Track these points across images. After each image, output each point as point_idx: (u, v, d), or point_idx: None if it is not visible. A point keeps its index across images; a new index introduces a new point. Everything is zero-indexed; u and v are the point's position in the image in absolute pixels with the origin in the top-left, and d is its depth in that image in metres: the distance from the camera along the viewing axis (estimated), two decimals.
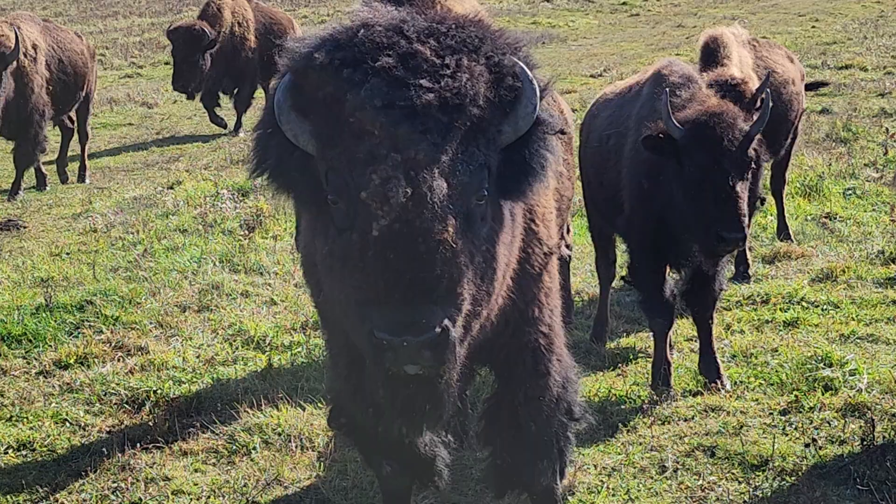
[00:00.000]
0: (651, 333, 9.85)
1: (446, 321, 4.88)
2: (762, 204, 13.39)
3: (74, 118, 18.89)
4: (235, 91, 22.53)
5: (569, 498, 7.64)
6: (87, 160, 18.84)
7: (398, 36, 5.13)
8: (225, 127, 22.69)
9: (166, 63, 34.45)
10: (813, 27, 35.95)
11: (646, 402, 9.22)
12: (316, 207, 5.32)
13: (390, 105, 4.94)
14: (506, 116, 5.24)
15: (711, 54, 11.63)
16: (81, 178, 18.63)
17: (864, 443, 8.30)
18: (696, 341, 10.47)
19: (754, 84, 11.21)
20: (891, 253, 12.85)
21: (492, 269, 5.20)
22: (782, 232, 13.82)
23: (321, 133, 5.11)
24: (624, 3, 46.05)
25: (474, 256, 5.07)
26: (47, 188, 17.90)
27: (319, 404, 9.14)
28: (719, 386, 9.41)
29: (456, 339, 4.95)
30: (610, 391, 9.39)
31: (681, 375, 9.74)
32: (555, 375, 6.48)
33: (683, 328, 10.71)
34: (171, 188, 17.07)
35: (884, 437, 8.36)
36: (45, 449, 8.73)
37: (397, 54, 5.05)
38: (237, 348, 10.57)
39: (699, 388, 9.50)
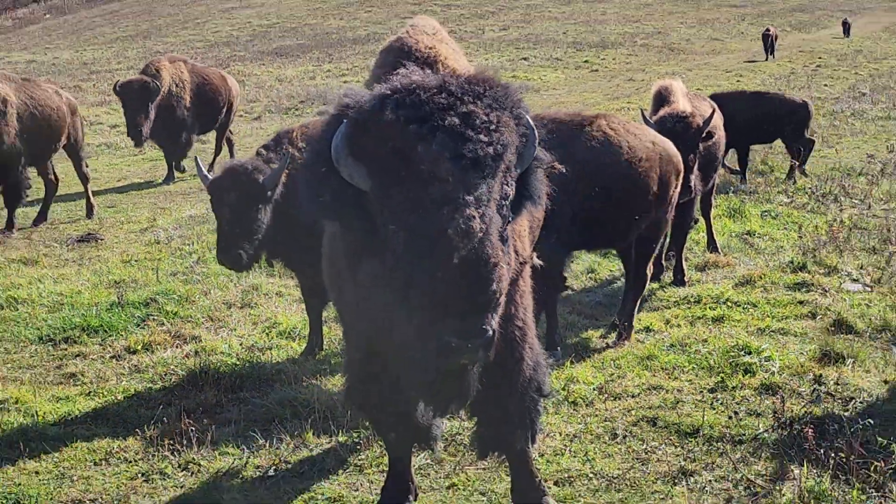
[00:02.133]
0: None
1: (493, 323, 5.02)
2: (695, 223, 13.48)
3: (55, 173, 17.79)
4: (167, 147, 21.37)
5: (538, 458, 7.64)
6: (92, 198, 17.94)
7: (452, 97, 5.15)
8: (182, 171, 22.05)
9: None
10: (738, 81, 35.95)
11: (601, 382, 9.23)
12: (361, 233, 5.30)
13: (460, 156, 4.98)
14: (520, 157, 5.34)
15: (663, 99, 11.83)
16: (89, 215, 17.72)
17: (776, 415, 8.30)
18: (645, 333, 10.51)
19: (700, 119, 11.54)
20: (799, 263, 12.89)
21: (507, 278, 5.22)
22: (711, 245, 13.88)
23: (384, 176, 5.08)
24: (586, 62, 46.09)
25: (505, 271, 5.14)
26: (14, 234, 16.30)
27: (337, 382, 9.15)
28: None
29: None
30: (572, 374, 9.38)
31: (629, 362, 9.75)
32: (528, 360, 6.48)
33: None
34: None
35: (792, 410, 8.37)
36: (117, 418, 8.74)
37: (458, 113, 5.08)
38: (272, 338, 10.58)
39: (643, 371, 9.50)
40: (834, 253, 13.34)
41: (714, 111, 12.60)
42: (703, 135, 11.56)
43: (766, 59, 43.56)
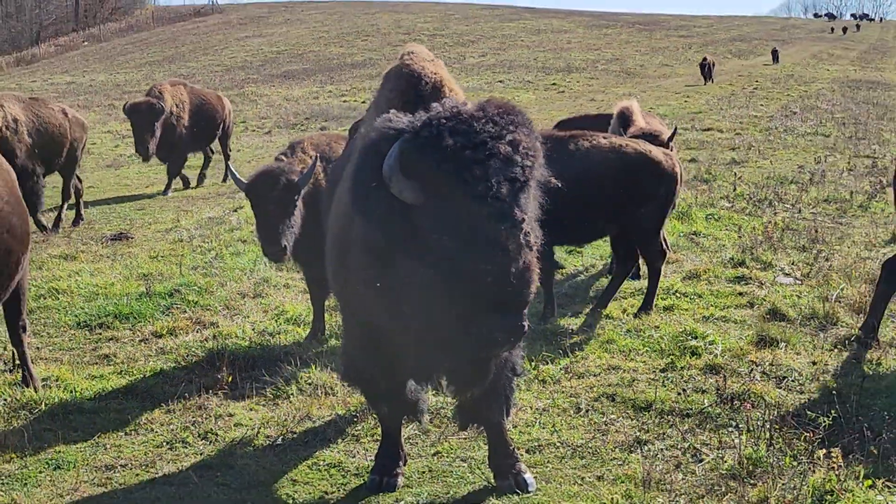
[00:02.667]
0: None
1: (527, 319, 5.21)
2: None
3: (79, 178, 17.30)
4: (168, 161, 20.69)
5: (512, 429, 7.61)
6: (82, 209, 17.28)
7: (497, 126, 5.22)
8: (187, 184, 21.51)
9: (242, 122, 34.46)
10: (685, 101, 36.04)
11: (566, 363, 9.22)
12: (402, 242, 5.29)
13: (513, 179, 5.10)
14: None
15: (626, 118, 11.88)
16: (76, 223, 16.95)
17: (719, 392, 8.31)
18: (605, 320, 10.49)
19: (666, 135, 11.76)
20: (738, 259, 12.89)
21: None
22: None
23: (440, 193, 5.10)
24: (554, 84, 46.14)
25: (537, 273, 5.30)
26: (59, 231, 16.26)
27: (338, 364, 9.12)
28: None
29: None
30: (541, 355, 9.36)
31: (591, 345, 9.73)
32: None
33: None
34: (236, 211, 17.01)
35: (732, 388, 8.36)
36: (144, 394, 8.68)
37: (507, 141, 5.17)
38: (281, 324, 10.52)
39: (604, 353, 9.49)
40: (769, 251, 13.35)
41: (675, 128, 12.68)
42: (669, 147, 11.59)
43: (705, 84, 43.67)
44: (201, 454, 7.52)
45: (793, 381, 8.78)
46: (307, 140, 10.10)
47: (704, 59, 45.55)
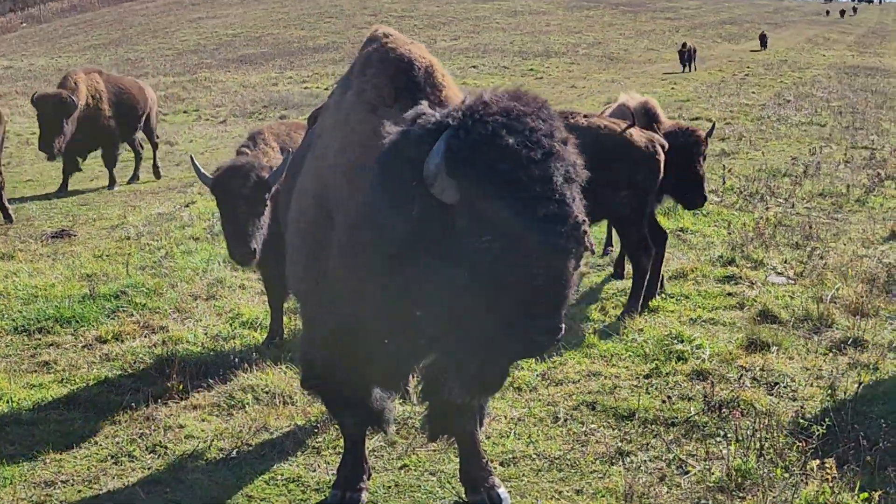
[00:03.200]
0: None
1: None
2: None
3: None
4: (101, 153, 20.48)
5: (485, 440, 7.63)
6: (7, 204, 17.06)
7: (546, 122, 5.20)
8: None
9: (184, 112, 34.37)
10: (672, 88, 36.21)
11: (543, 369, 9.24)
12: (434, 241, 5.20)
13: (569, 179, 5.12)
14: None
15: (653, 114, 11.88)
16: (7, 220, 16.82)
17: (706, 399, 8.35)
18: (585, 322, 10.51)
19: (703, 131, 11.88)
20: (728, 257, 12.97)
21: None
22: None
23: (485, 194, 5.02)
24: (531, 70, 46.27)
25: None
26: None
27: (297, 369, 9.11)
28: None
29: None
30: (514, 365, 9.36)
31: (570, 350, 9.75)
32: None
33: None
34: (187, 206, 16.96)
35: (720, 395, 8.41)
36: (87, 404, 8.63)
37: (559, 139, 5.18)
38: (236, 328, 10.50)
39: (583, 358, 9.52)
40: (760, 248, 13.43)
41: (714, 125, 13.01)
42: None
43: (684, 72, 43.63)
44: (149, 469, 7.49)
45: (785, 387, 8.84)
46: (267, 130, 10.08)
47: (684, 44, 45.35)
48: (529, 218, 4.95)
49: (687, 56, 43.95)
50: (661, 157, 10.92)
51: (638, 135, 10.80)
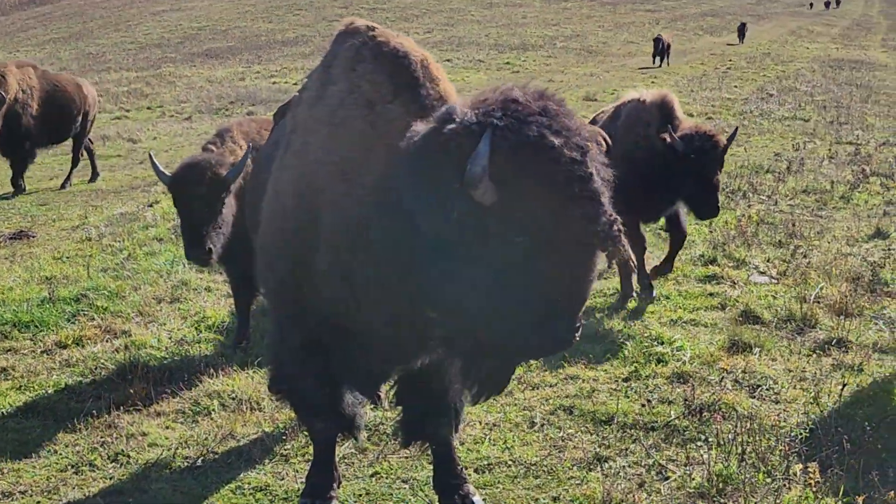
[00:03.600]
0: None
1: None
2: None
3: None
4: (12, 157, 19.77)
5: (459, 446, 7.64)
6: None
7: (574, 121, 5.32)
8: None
9: (148, 108, 34.27)
10: (653, 82, 36.25)
11: (520, 372, 9.25)
12: (463, 241, 5.21)
13: (605, 179, 5.22)
14: None
15: (667, 109, 11.47)
16: None
17: (687, 403, 8.40)
18: None
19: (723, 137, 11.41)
20: (709, 256, 13.04)
21: None
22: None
23: (525, 195, 5.05)
24: (507, 63, 46.36)
25: None
26: None
27: (265, 375, 9.10)
28: None
29: None
30: None
31: (549, 357, 9.74)
32: None
33: None
34: (151, 206, 16.91)
35: (701, 398, 8.46)
36: (47, 411, 8.59)
37: (589, 138, 5.28)
38: (201, 331, 10.48)
39: (561, 361, 9.54)
40: (742, 247, 13.51)
41: (736, 129, 12.50)
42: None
43: (659, 66, 43.50)
44: (111, 478, 7.47)
45: (767, 389, 8.89)
46: (236, 127, 10.05)
47: (659, 36, 45.12)
48: (570, 218, 5.05)
49: (661, 48, 43.61)
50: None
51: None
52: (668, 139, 10.84)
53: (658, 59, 43.89)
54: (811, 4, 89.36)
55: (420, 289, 5.49)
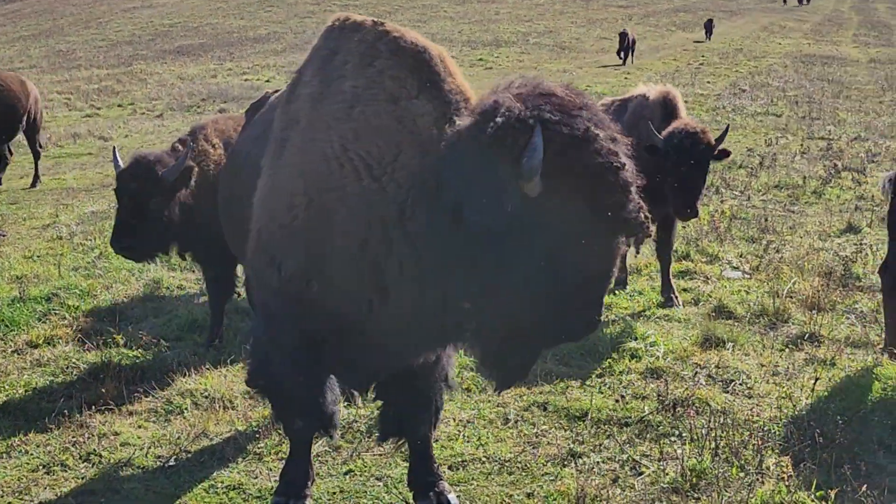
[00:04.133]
0: None
1: None
2: None
3: None
4: None
5: (433, 444, 7.63)
6: None
7: (611, 119, 5.59)
8: None
9: (119, 105, 34.11)
10: (626, 78, 36.38)
11: None
12: (512, 233, 5.34)
13: (634, 171, 5.42)
14: None
15: (671, 107, 11.29)
16: None
17: (660, 398, 8.43)
18: None
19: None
20: (682, 252, 13.08)
21: None
22: None
23: (571, 185, 5.23)
24: (480, 60, 46.32)
25: None
26: None
27: (238, 373, 9.10)
28: None
29: None
30: (464, 362, 9.40)
31: None
32: (447, 350, 6.59)
33: None
34: None
35: (675, 393, 8.49)
36: (18, 411, 8.54)
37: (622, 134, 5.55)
38: (173, 330, 10.44)
39: None
40: (715, 242, 13.57)
41: (728, 127, 12.03)
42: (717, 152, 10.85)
43: (623, 63, 43.32)
44: (83, 478, 7.43)
45: (740, 384, 8.93)
46: (210, 125, 10.01)
47: (624, 31, 44.78)
48: (607, 207, 5.27)
49: (626, 44, 43.13)
50: None
51: None
52: (647, 135, 10.60)
53: (623, 54, 43.65)
54: (784, 0, 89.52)
55: (459, 280, 5.63)
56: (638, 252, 12.00)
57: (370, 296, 5.96)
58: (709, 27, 55.83)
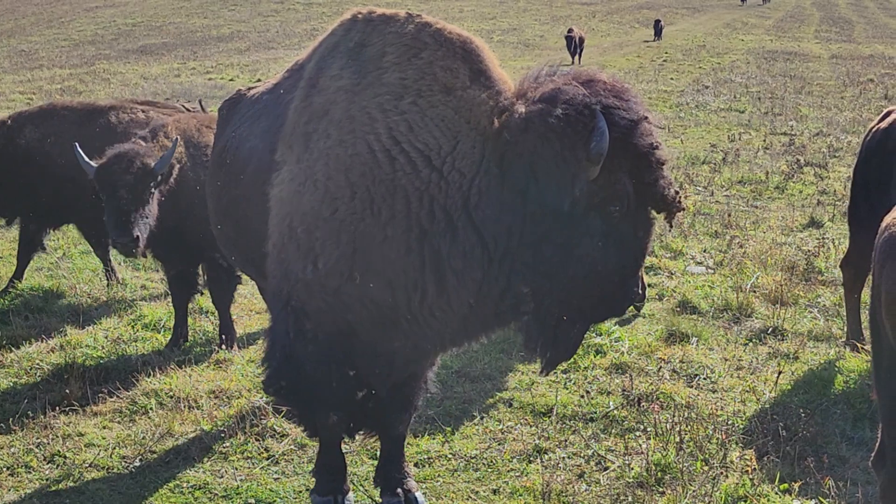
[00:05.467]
0: None
1: None
2: None
3: None
4: None
5: None
6: None
7: None
8: None
9: None
10: None
11: (459, 365, 9.28)
12: (576, 215, 5.66)
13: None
14: None
15: None
16: None
17: (625, 393, 8.47)
18: None
19: None
20: None
21: None
22: None
23: (624, 167, 5.62)
24: None
25: None
26: None
27: (203, 372, 9.08)
28: None
29: None
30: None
31: (486, 346, 9.76)
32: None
33: None
34: None
35: (640, 388, 8.53)
36: None
37: None
38: (138, 330, 10.38)
39: (500, 354, 9.57)
40: (679, 238, 13.62)
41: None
42: None
43: (572, 63, 43.01)
44: (47, 479, 7.40)
45: (704, 378, 8.99)
46: (172, 123, 9.95)
47: (570, 30, 44.28)
48: (656, 185, 5.69)
49: (574, 44, 42.61)
50: None
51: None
52: None
53: (572, 55, 43.03)
54: (742, 0, 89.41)
55: (525, 264, 5.81)
56: (671, 227, 12.10)
57: (425, 286, 5.99)
58: (657, 27, 55.21)
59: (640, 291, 6.14)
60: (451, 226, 5.87)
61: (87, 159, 9.20)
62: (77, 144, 9.71)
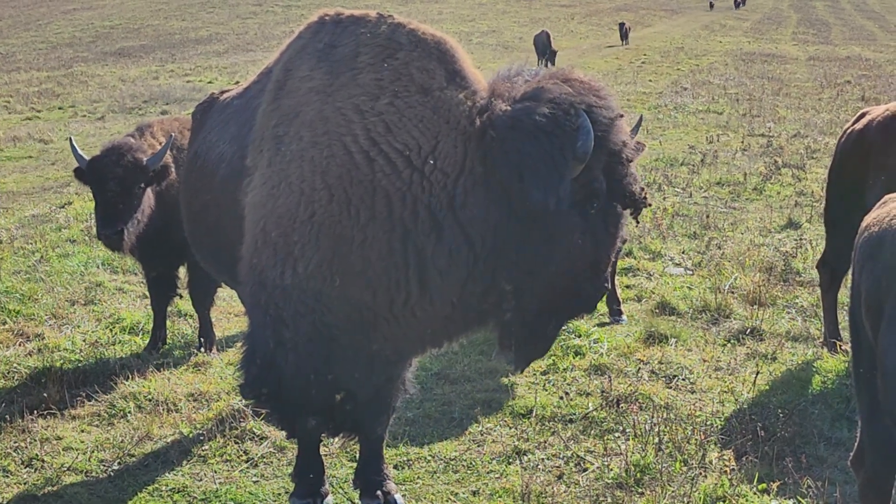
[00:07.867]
0: None
1: None
2: None
3: None
4: None
5: None
6: None
7: None
8: None
9: (59, 108, 33.75)
10: None
11: (439, 367, 9.29)
12: (559, 212, 5.69)
13: None
14: None
15: None
16: None
17: (604, 394, 8.48)
18: None
19: None
20: (625, 249, 13.12)
21: None
22: None
23: (602, 165, 5.74)
24: None
25: None
26: None
27: (182, 375, 9.07)
28: None
29: None
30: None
31: (465, 347, 9.77)
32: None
33: None
34: (63, 207, 16.65)
35: (619, 389, 8.54)
36: None
37: None
38: (116, 333, 10.35)
39: (479, 356, 9.57)
40: (658, 239, 13.65)
41: (641, 118, 11.94)
42: None
43: (539, 64, 42.79)
44: (25, 483, 7.38)
45: (683, 379, 9.01)
46: (157, 124, 9.97)
47: (542, 32, 43.91)
48: (627, 181, 5.82)
49: (542, 47, 42.23)
50: None
51: None
52: None
53: (541, 57, 42.58)
54: (711, 5, 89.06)
55: (509, 262, 5.85)
56: (638, 222, 12.12)
57: (409, 286, 5.99)
58: (623, 30, 54.60)
59: (607, 285, 6.12)
60: (437, 225, 5.87)
61: (80, 152, 9.21)
62: (72, 138, 9.73)
